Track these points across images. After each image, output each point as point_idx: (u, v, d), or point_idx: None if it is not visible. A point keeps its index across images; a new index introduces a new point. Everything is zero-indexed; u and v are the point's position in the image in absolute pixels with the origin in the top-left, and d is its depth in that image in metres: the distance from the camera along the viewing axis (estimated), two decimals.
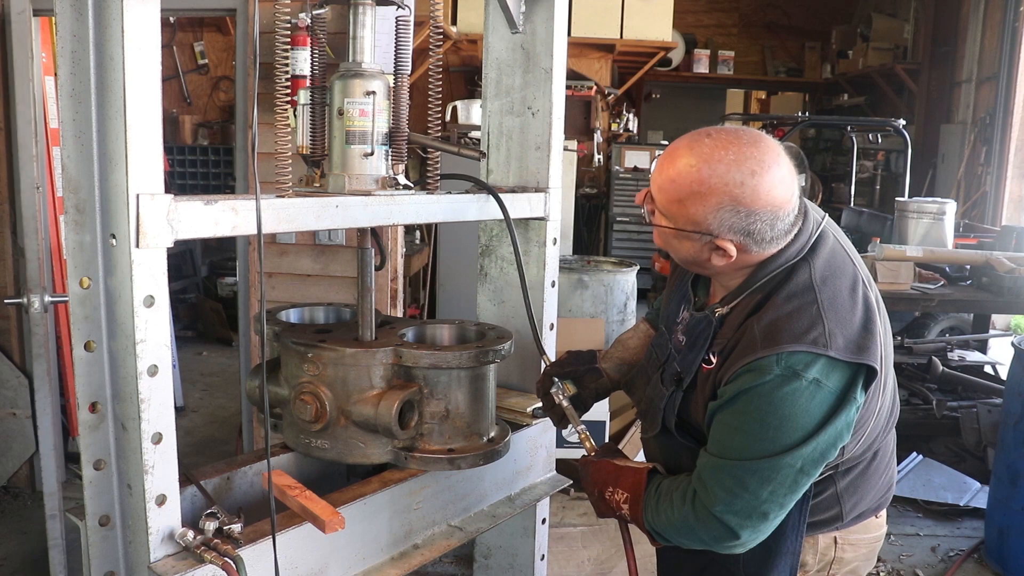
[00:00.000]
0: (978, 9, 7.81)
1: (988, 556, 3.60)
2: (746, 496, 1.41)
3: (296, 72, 2.20)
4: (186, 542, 1.42)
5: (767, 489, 1.41)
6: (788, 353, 1.37)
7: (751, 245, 1.46)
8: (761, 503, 1.42)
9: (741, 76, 11.54)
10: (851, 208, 7.34)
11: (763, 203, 1.40)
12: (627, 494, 1.62)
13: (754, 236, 1.44)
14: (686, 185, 1.42)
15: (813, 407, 1.38)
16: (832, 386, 1.38)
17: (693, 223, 1.44)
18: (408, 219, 1.80)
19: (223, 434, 4.95)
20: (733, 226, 1.42)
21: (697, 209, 1.42)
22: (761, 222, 1.42)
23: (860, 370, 1.41)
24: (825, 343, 1.37)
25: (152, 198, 1.32)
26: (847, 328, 1.41)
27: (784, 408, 1.37)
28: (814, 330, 1.39)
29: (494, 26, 2.20)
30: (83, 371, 1.44)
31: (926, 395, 4.72)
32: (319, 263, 3.57)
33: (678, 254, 1.56)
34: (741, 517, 1.43)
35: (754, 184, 1.39)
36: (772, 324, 1.42)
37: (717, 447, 1.46)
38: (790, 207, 1.44)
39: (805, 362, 1.37)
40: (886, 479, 1.72)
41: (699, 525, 1.48)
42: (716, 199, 1.40)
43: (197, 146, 8.21)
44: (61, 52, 1.37)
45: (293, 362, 1.81)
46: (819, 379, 1.37)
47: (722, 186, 1.39)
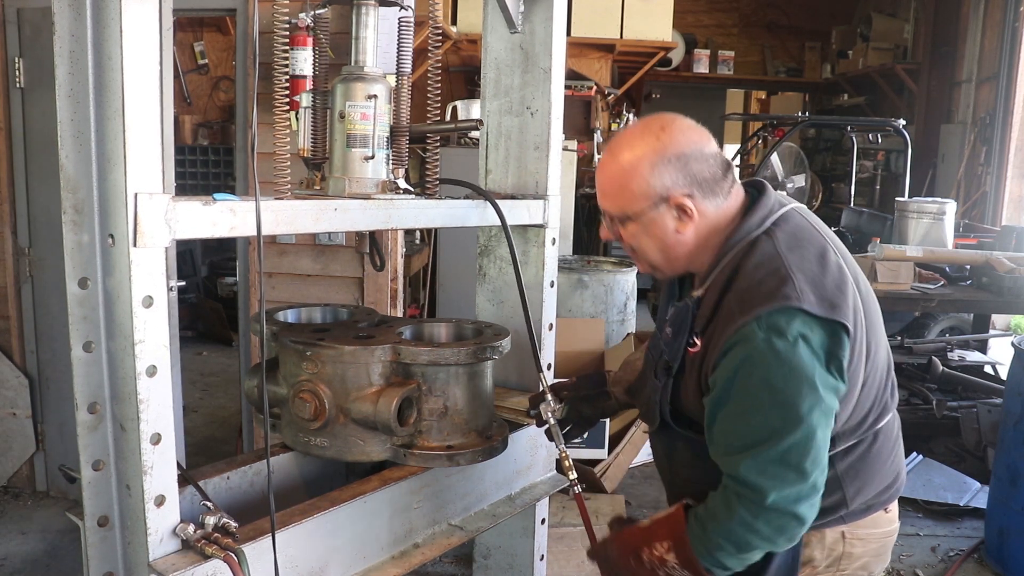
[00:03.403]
0: (978, 9, 7.81)
1: (988, 556, 3.60)
2: (793, 475, 1.39)
3: (296, 72, 2.20)
4: (187, 535, 1.42)
5: (809, 458, 1.39)
6: (767, 314, 1.39)
7: (701, 194, 1.52)
8: (809, 475, 1.40)
9: (741, 76, 11.54)
10: (851, 208, 7.34)
11: (683, 143, 1.51)
12: (668, 541, 1.53)
13: (698, 179, 1.51)
14: (619, 174, 1.54)
15: (807, 359, 1.39)
16: (817, 340, 1.40)
17: (645, 197, 1.51)
18: (407, 224, 1.81)
19: (223, 434, 4.95)
20: (676, 178, 1.50)
21: (639, 182, 1.51)
22: (695, 161, 1.50)
23: (837, 328, 1.41)
24: (798, 297, 1.40)
25: (150, 197, 1.32)
26: (818, 287, 1.43)
27: (783, 367, 1.38)
28: (784, 287, 1.41)
29: (493, 26, 2.20)
30: (82, 372, 1.44)
31: (926, 395, 4.71)
32: (319, 263, 3.57)
33: (654, 248, 1.58)
34: (797, 498, 1.40)
35: (667, 135, 1.51)
36: (744, 292, 1.46)
37: (740, 441, 1.43)
38: (712, 147, 1.54)
39: (785, 319, 1.39)
40: (892, 468, 1.67)
41: (759, 524, 1.42)
42: (647, 163, 1.50)
43: (197, 146, 8.21)
44: (59, 52, 1.37)
45: (292, 361, 1.81)
46: (803, 333, 1.39)
47: (645, 151, 1.50)
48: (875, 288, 5.20)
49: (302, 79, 2.06)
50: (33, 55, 3.64)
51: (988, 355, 5.51)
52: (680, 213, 1.52)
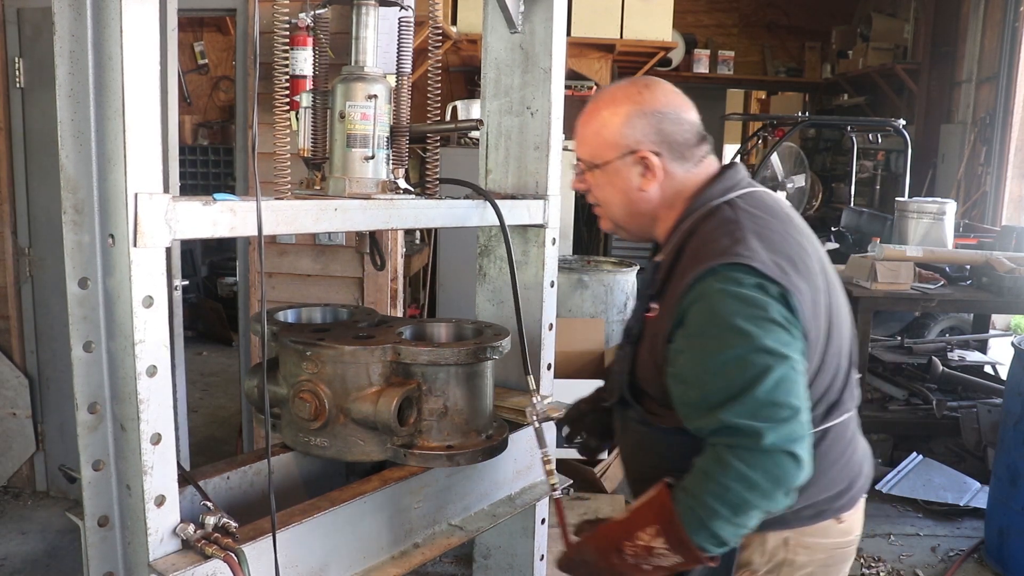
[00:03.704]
0: (978, 9, 7.81)
1: (988, 556, 3.60)
2: (786, 411, 1.33)
3: (296, 72, 2.20)
4: (187, 535, 1.42)
5: (796, 393, 1.35)
6: (720, 266, 1.39)
7: (670, 155, 1.54)
8: (801, 410, 1.35)
9: (741, 76, 11.53)
10: (851, 208, 7.34)
11: (663, 103, 1.54)
12: (654, 526, 1.41)
13: (669, 140, 1.53)
14: (595, 122, 1.57)
15: (770, 302, 1.37)
16: (775, 291, 1.38)
17: (615, 146, 1.54)
18: (407, 224, 1.81)
19: (223, 434, 4.95)
20: (646, 132, 1.52)
21: (611, 132, 1.54)
22: (669, 122, 1.53)
23: (786, 292, 1.38)
24: (751, 256, 1.38)
25: (150, 197, 1.32)
26: (772, 252, 1.41)
27: (749, 308, 1.35)
28: (737, 246, 1.40)
29: (493, 26, 2.20)
30: (82, 372, 1.44)
31: (926, 395, 4.71)
32: (319, 263, 3.57)
33: (617, 201, 1.59)
34: (792, 436, 1.33)
35: (650, 93, 1.55)
36: (697, 250, 1.45)
37: (721, 391, 1.35)
38: (692, 116, 1.57)
39: (739, 272, 1.38)
40: (844, 472, 1.57)
41: (756, 474, 1.32)
42: (623, 114, 1.53)
43: (197, 146, 8.21)
44: (59, 52, 1.37)
45: (292, 361, 1.81)
46: (760, 283, 1.37)
47: (623, 103, 1.54)
48: (875, 288, 5.18)
49: (302, 79, 2.06)
50: (33, 55, 3.64)
51: (988, 355, 5.50)
52: (645, 169, 1.54)
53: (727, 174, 1.57)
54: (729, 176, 1.57)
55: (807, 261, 1.47)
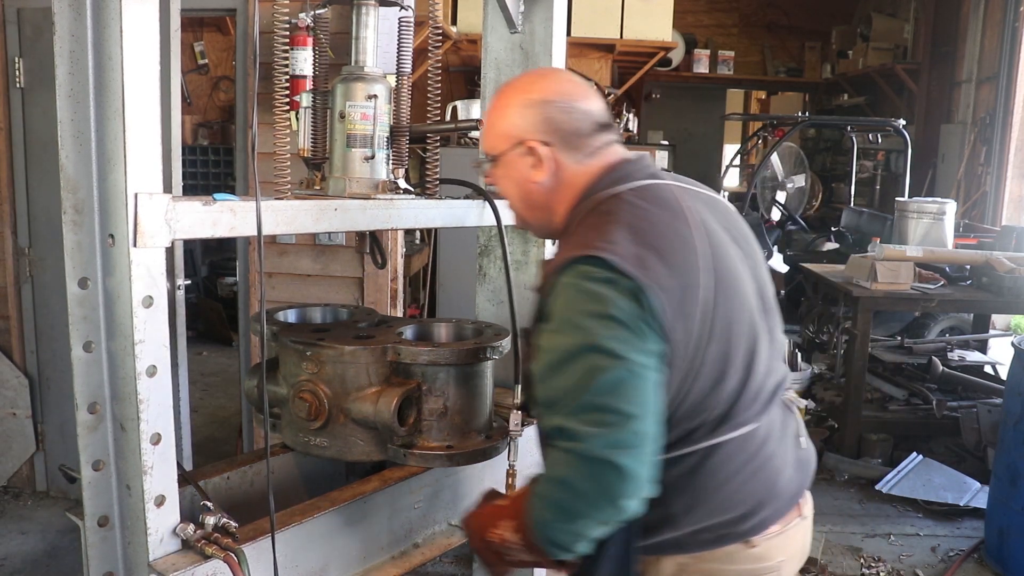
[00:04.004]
0: (978, 9, 7.81)
1: (988, 556, 3.60)
2: (611, 417, 1.25)
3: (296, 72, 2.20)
4: (186, 535, 1.42)
5: (629, 400, 1.25)
6: (576, 259, 1.33)
7: (560, 145, 1.50)
8: (631, 418, 1.25)
9: (741, 76, 11.53)
10: (851, 208, 7.34)
11: (553, 92, 1.51)
12: (513, 521, 1.40)
13: (558, 129, 1.49)
14: (491, 115, 1.57)
15: (618, 299, 1.28)
16: (626, 286, 1.29)
17: (507, 137, 1.52)
18: (407, 224, 1.81)
19: (223, 434, 4.95)
20: (534, 122, 1.49)
21: (504, 123, 1.53)
22: (558, 111, 1.49)
23: (641, 288, 1.28)
24: (607, 248, 1.31)
25: (150, 197, 1.32)
26: (637, 243, 1.33)
27: (591, 305, 1.29)
28: (600, 239, 1.34)
29: (493, 26, 2.20)
30: (82, 372, 1.44)
31: (926, 395, 4.71)
32: (319, 263, 3.57)
33: (514, 194, 1.58)
34: (616, 444, 1.25)
35: (543, 82, 1.54)
36: (570, 242, 1.43)
37: (558, 391, 1.31)
38: (587, 104, 1.52)
39: (593, 264, 1.31)
40: (745, 495, 1.43)
41: (577, 479, 1.27)
42: (515, 105, 1.52)
43: (197, 146, 8.21)
44: (59, 52, 1.37)
45: (292, 361, 1.81)
46: (611, 278, 1.29)
47: (516, 91, 1.54)
48: (875, 288, 5.18)
49: (302, 79, 2.05)
50: (33, 55, 3.64)
51: (988, 355, 5.50)
52: (535, 159, 1.51)
53: (623, 166, 1.51)
54: (623, 168, 1.50)
55: (688, 257, 1.36)
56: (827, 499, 4.20)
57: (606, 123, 1.55)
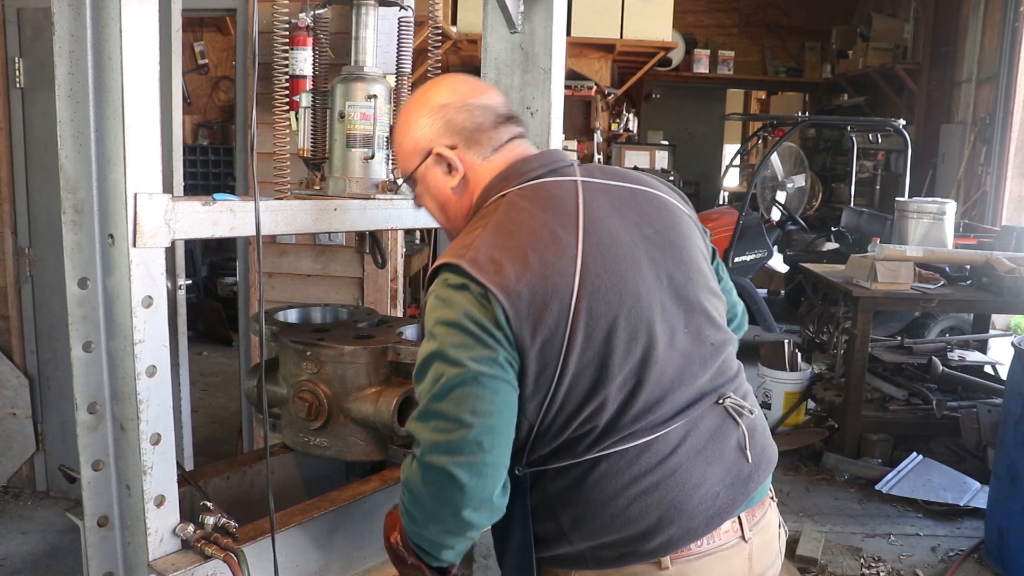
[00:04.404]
0: (978, 9, 7.81)
1: (988, 556, 3.60)
2: (448, 424, 1.24)
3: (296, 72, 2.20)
4: (186, 535, 1.42)
5: (468, 407, 1.24)
6: (440, 266, 1.35)
7: (463, 143, 1.47)
8: (469, 426, 1.23)
9: (741, 76, 11.54)
10: (851, 208, 7.34)
11: (448, 94, 1.48)
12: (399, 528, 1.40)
13: (458, 128, 1.46)
14: (396, 136, 1.54)
15: (465, 305, 1.28)
16: (477, 292, 1.28)
17: (415, 153, 1.49)
18: (407, 224, 1.81)
19: (223, 434, 4.95)
20: (436, 128, 1.47)
21: (408, 139, 1.50)
22: (455, 111, 1.46)
23: (488, 292, 1.26)
24: (463, 254, 1.32)
25: (150, 197, 1.32)
26: (501, 248, 1.31)
27: (441, 310, 1.30)
28: (464, 244, 1.35)
29: (492, 26, 2.20)
30: (82, 372, 1.44)
31: (926, 395, 4.71)
32: (319, 263, 3.57)
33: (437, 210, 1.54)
34: (452, 451, 1.24)
35: (435, 90, 1.51)
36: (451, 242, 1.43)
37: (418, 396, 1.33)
38: (484, 99, 1.49)
39: (451, 271, 1.32)
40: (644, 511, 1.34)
41: (419, 485, 1.27)
42: (412, 118, 1.49)
43: (197, 146, 8.21)
44: (59, 52, 1.37)
45: (292, 361, 1.81)
46: (463, 284, 1.29)
47: (411, 105, 1.52)
48: (875, 288, 5.15)
49: (302, 79, 2.05)
50: (33, 55, 3.64)
51: (988, 355, 5.50)
52: (446, 165, 1.47)
53: (520, 164, 1.46)
54: (519, 166, 1.46)
55: (555, 260, 1.31)
56: (827, 499, 4.20)
57: (509, 115, 1.51)
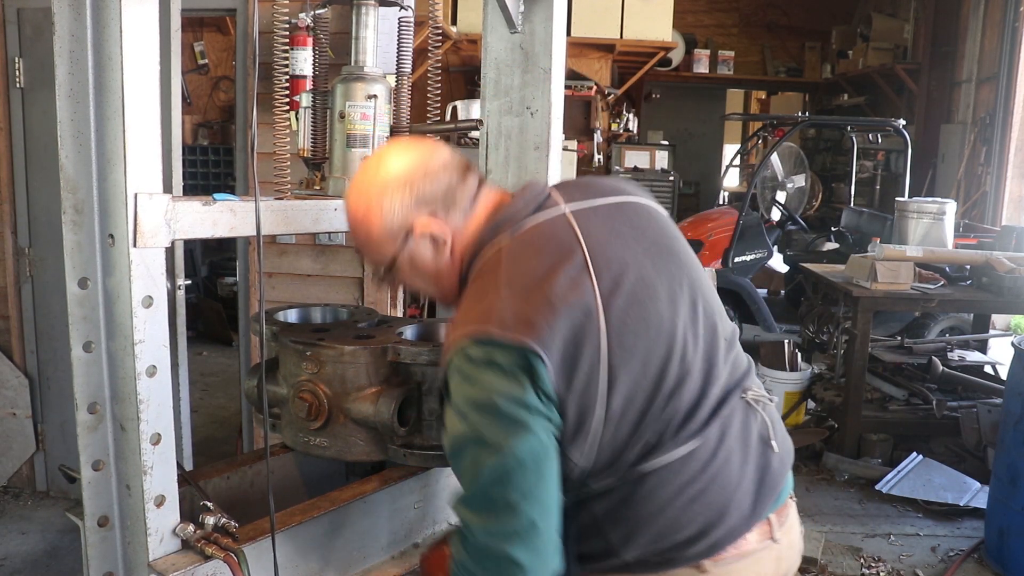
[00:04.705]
0: (978, 9, 7.81)
1: (988, 556, 3.60)
2: (500, 510, 1.24)
3: (296, 72, 2.20)
4: (186, 535, 1.42)
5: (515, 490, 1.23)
6: (461, 340, 1.29)
7: (443, 212, 1.41)
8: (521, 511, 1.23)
9: (741, 76, 11.54)
10: (851, 208, 7.34)
11: (405, 167, 1.41)
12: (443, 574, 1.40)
13: (430, 196, 1.40)
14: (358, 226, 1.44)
15: (496, 383, 1.25)
16: (507, 363, 1.25)
17: (391, 238, 1.41)
18: None
19: (223, 434, 4.95)
20: (406, 204, 1.39)
21: (378, 227, 1.41)
22: (422, 180, 1.40)
23: (526, 352, 1.24)
24: (488, 319, 1.27)
25: (150, 197, 1.32)
26: (520, 304, 1.28)
27: (473, 391, 1.27)
28: (482, 304, 1.30)
29: (492, 26, 2.20)
30: (82, 372, 1.44)
31: (926, 395, 4.71)
32: (319, 263, 3.57)
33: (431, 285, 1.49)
34: (508, 536, 1.24)
35: (384, 168, 1.41)
36: (456, 316, 1.36)
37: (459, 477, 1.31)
38: (439, 158, 1.42)
39: (475, 343, 1.27)
40: (690, 518, 1.36)
41: (477, 568, 1.27)
42: (375, 204, 1.40)
43: (197, 146, 8.21)
44: (59, 52, 1.37)
45: (291, 361, 1.81)
46: (492, 358, 1.25)
47: (370, 193, 1.40)
48: (875, 288, 5.16)
49: (302, 79, 2.06)
50: (33, 55, 3.64)
51: (988, 355, 5.50)
52: (431, 240, 1.41)
53: (502, 210, 1.42)
54: (504, 212, 1.41)
55: (579, 299, 1.29)
56: (827, 499, 4.20)
57: (464, 163, 1.45)
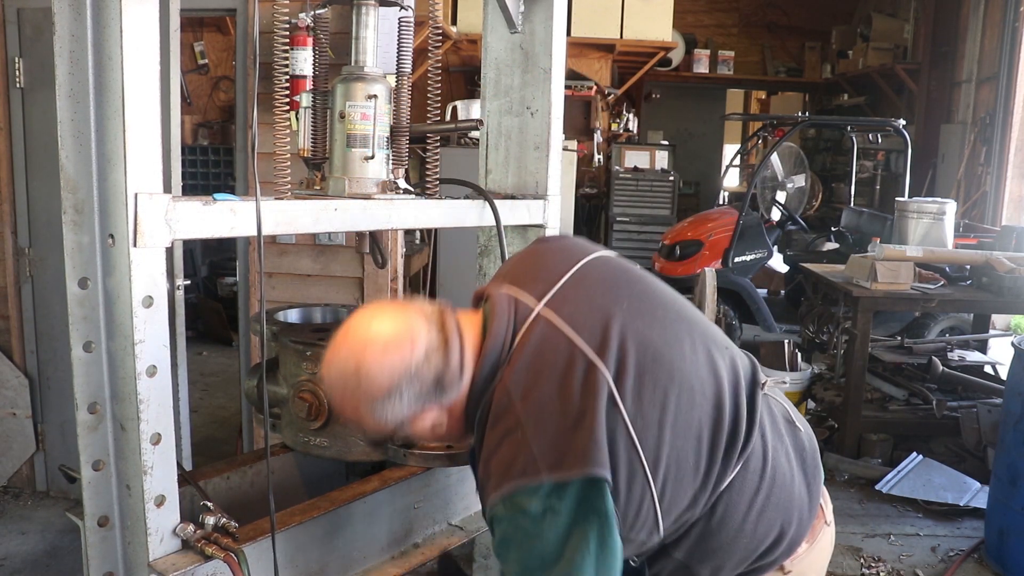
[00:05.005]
0: (978, 9, 7.81)
1: (988, 556, 3.60)
2: None
3: (296, 72, 2.20)
4: (186, 535, 1.42)
5: None
6: (510, 492, 1.25)
7: (437, 399, 1.34)
8: None
9: (741, 76, 11.54)
10: (851, 208, 7.34)
11: (389, 373, 1.30)
12: None
13: (422, 396, 1.33)
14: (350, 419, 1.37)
15: (556, 534, 1.23)
16: (568, 506, 1.23)
17: (386, 429, 1.36)
18: (407, 224, 1.80)
19: (223, 434, 4.95)
20: (401, 410, 1.32)
21: (373, 426, 1.35)
22: (410, 385, 1.31)
23: (590, 482, 1.23)
24: (536, 469, 1.23)
25: (150, 197, 1.32)
26: (560, 441, 1.25)
27: (534, 546, 1.24)
28: (520, 459, 1.25)
29: (493, 26, 2.20)
30: (82, 372, 1.44)
31: (926, 395, 4.71)
32: (319, 263, 3.57)
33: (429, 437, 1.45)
34: None
35: (368, 372, 1.30)
36: (487, 464, 1.31)
37: None
38: (420, 353, 1.32)
39: (526, 496, 1.24)
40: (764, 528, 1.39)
41: None
42: (368, 410, 1.33)
43: (197, 146, 8.21)
44: (59, 52, 1.37)
45: (292, 361, 1.81)
46: (550, 506, 1.23)
47: (355, 402, 1.33)
48: (875, 288, 5.16)
49: (302, 79, 2.05)
50: (33, 55, 3.64)
51: (988, 355, 5.50)
52: (430, 424, 1.38)
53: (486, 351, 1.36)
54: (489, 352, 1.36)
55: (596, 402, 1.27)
56: None
57: (440, 325, 1.35)
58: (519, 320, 1.38)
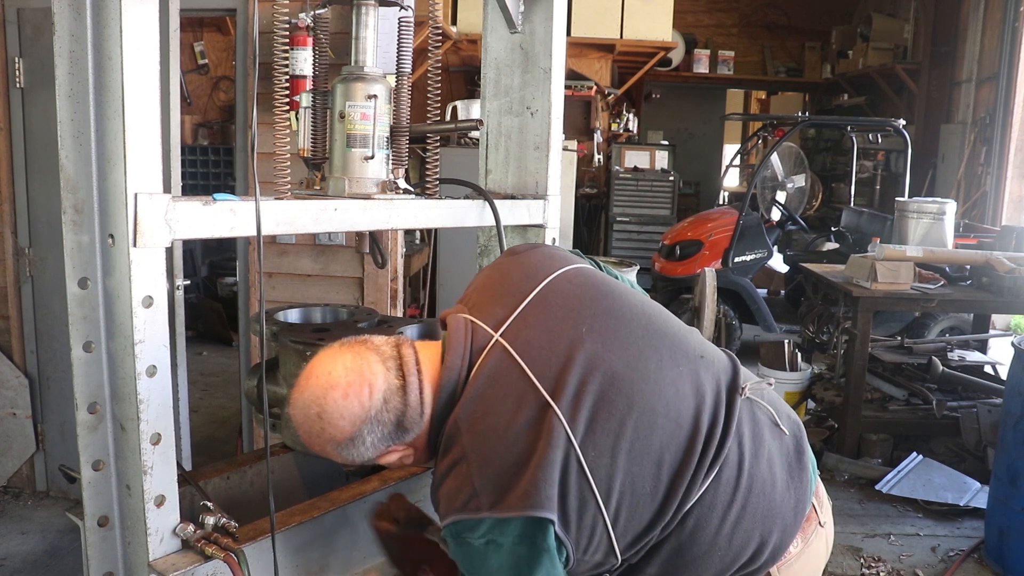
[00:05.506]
0: (978, 9, 7.82)
1: (988, 556, 3.60)
2: None
3: (296, 72, 2.20)
4: (186, 535, 1.42)
5: None
6: (452, 523, 1.27)
7: (400, 438, 1.35)
8: None
9: (741, 76, 11.55)
10: (851, 208, 7.35)
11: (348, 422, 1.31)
12: None
13: (386, 438, 1.34)
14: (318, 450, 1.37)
15: (496, 564, 1.25)
16: (509, 540, 1.24)
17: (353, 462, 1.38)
18: (407, 224, 1.80)
19: (223, 434, 4.95)
20: (363, 451, 1.34)
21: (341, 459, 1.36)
22: (371, 427, 1.32)
23: (531, 521, 1.23)
24: (478, 505, 1.24)
25: (150, 197, 1.32)
26: (503, 478, 1.25)
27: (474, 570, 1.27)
28: (464, 491, 1.26)
29: (493, 26, 2.20)
30: (82, 372, 1.44)
31: (926, 395, 4.71)
32: (319, 263, 3.57)
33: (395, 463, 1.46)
34: None
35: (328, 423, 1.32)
36: (436, 492, 1.33)
37: None
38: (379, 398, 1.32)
39: (468, 528, 1.25)
40: (742, 539, 1.36)
41: None
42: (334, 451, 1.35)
43: (197, 146, 8.21)
44: (59, 52, 1.37)
45: (292, 361, 1.81)
46: (491, 539, 1.24)
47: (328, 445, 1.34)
48: (875, 288, 5.16)
49: (302, 79, 2.05)
50: (33, 55, 3.64)
51: (988, 355, 5.50)
52: (399, 457, 1.39)
53: (442, 383, 1.35)
54: (444, 384, 1.35)
55: (548, 435, 1.26)
56: None
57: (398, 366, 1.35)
58: (475, 349, 1.37)
